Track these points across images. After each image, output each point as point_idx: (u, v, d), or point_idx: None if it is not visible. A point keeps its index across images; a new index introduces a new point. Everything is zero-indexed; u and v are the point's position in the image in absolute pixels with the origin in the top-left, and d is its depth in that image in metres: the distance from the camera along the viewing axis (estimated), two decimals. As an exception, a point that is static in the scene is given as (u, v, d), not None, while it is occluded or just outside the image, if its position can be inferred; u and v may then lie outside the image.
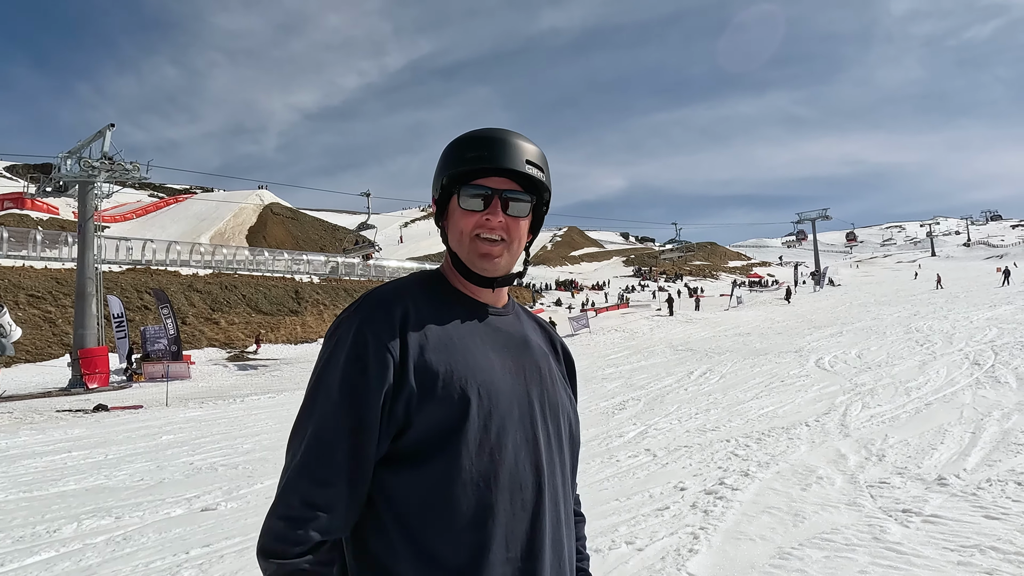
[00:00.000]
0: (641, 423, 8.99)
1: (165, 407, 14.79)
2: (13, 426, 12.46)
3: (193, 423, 11.76)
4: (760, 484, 5.50)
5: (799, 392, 10.50)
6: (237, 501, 5.98)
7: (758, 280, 75.37)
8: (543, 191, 1.21)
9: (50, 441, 10.23)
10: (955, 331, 16.75)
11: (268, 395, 16.48)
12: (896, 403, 8.73)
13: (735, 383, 12.32)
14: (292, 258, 49.44)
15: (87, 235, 23.63)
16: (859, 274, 74.24)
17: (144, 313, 31.11)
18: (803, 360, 14.57)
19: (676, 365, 16.58)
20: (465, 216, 1.16)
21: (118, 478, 7.28)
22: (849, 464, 5.93)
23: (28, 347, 25.21)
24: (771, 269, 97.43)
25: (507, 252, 1.17)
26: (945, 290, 35.80)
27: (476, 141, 1.17)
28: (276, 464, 7.47)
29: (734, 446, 7.09)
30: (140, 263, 38.24)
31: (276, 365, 27.14)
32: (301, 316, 39.04)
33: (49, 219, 53.70)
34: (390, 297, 1.13)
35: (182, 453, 8.70)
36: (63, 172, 24.23)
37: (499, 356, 1.14)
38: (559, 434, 1.18)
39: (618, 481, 5.96)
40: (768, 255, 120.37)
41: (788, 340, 19.78)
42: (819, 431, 7.50)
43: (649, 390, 12.41)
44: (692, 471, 6.17)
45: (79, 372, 21.11)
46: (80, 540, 4.97)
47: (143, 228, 60.71)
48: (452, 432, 1.05)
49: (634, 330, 31.21)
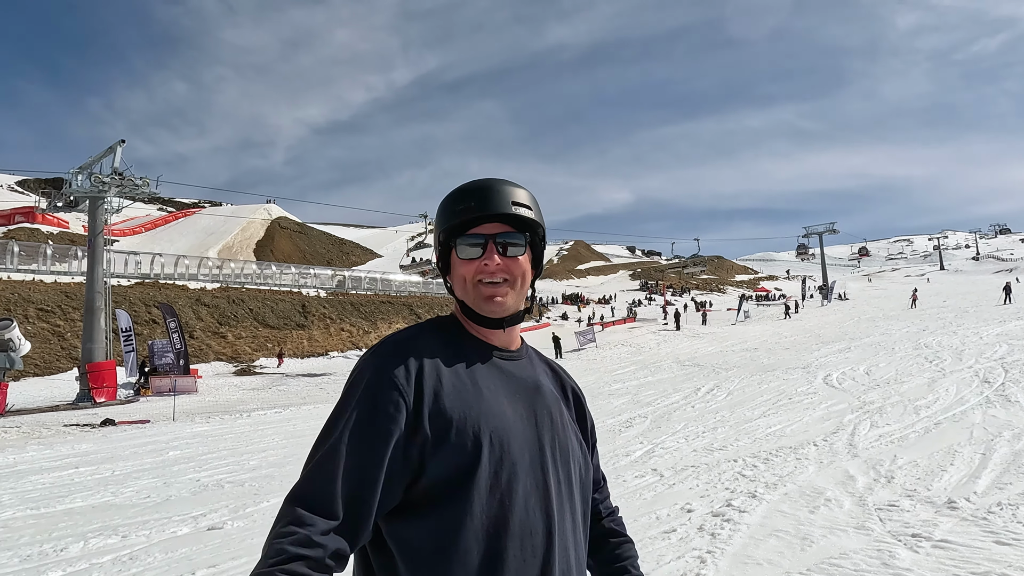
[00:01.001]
0: (648, 441, 8.95)
1: (172, 422, 14.82)
2: (21, 440, 12.51)
3: (200, 438, 11.77)
4: (768, 506, 5.47)
5: (807, 410, 10.43)
6: (243, 520, 5.98)
7: (765, 294, 75.16)
8: (536, 227, 1.25)
9: (57, 456, 10.26)
10: (964, 347, 16.64)
11: (274, 410, 16.49)
12: (905, 422, 8.67)
13: (742, 400, 12.26)
14: (299, 272, 49.66)
15: (97, 249, 23.81)
16: (868, 288, 73.94)
17: (152, 327, 31.27)
18: (811, 377, 14.49)
19: (683, 381, 16.51)
20: (465, 264, 1.21)
21: (125, 495, 7.28)
22: (857, 486, 5.88)
23: (37, 361, 25.36)
24: (778, 283, 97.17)
25: (511, 291, 1.21)
26: (952, 304, 35.49)
27: (464, 194, 1.22)
28: (283, 482, 7.48)
29: (741, 466, 7.05)
30: (148, 277, 38.49)
31: (282, 379, 27.18)
32: (308, 330, 39.15)
33: (59, 233, 54.15)
34: (407, 342, 1.16)
35: (189, 469, 8.70)
36: (74, 187, 24.46)
37: (511, 401, 1.17)
38: (569, 480, 1.20)
39: (624, 502, 5.93)
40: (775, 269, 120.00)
41: (796, 356, 19.69)
42: (827, 451, 7.44)
43: (656, 407, 12.35)
44: (699, 492, 6.14)
45: (87, 386, 21.20)
46: (87, 559, 4.98)
47: (152, 242, 61.12)
48: (464, 478, 1.06)
49: (641, 345, 31.13)
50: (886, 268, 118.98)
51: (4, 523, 6.20)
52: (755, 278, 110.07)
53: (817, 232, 77.69)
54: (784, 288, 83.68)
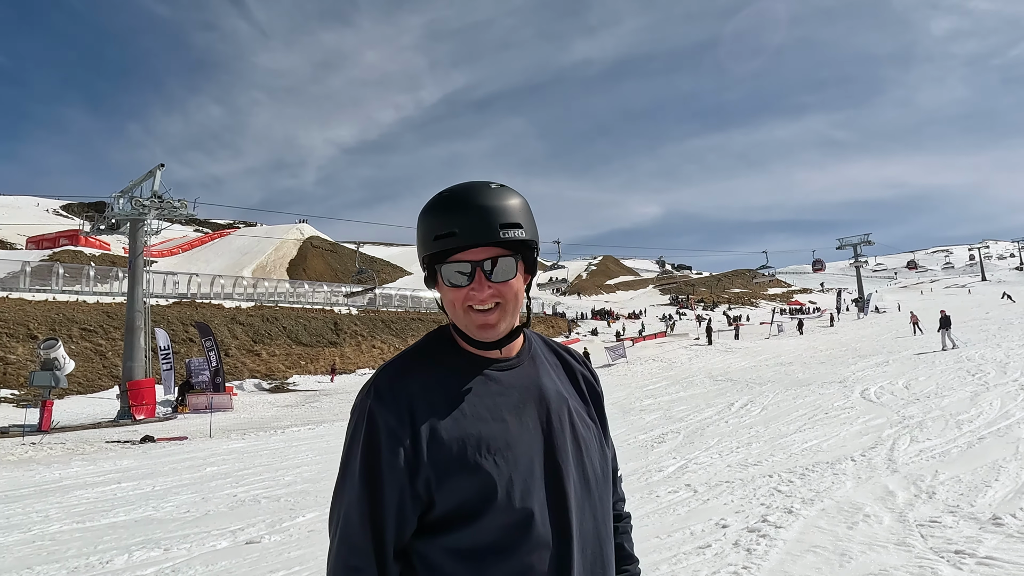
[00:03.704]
0: (681, 457, 8.86)
1: (209, 438, 15.11)
2: (66, 457, 12.88)
3: (236, 454, 11.99)
4: (805, 522, 5.38)
5: (844, 425, 10.22)
6: (280, 534, 6.08)
7: (799, 307, 73.82)
8: (527, 247, 1.18)
9: (100, 472, 10.55)
10: (1009, 360, 16.14)
11: (308, 426, 16.70)
12: (947, 437, 8.44)
13: (777, 415, 12.06)
14: (331, 290, 50.37)
15: (137, 270, 24.52)
16: (906, 300, 72.14)
17: (189, 345, 31.97)
18: (848, 391, 14.19)
19: (716, 396, 16.30)
20: (452, 291, 1.15)
21: (165, 509, 7.46)
22: (897, 501, 5.75)
23: (80, 379, 26.09)
24: (812, 296, 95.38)
25: (505, 314, 1.16)
26: (995, 315, 34.36)
27: (445, 216, 1.13)
28: (317, 497, 7.58)
29: (777, 481, 6.94)
30: (185, 296, 39.45)
31: (315, 396, 27.52)
32: (340, 347, 39.61)
33: (101, 255, 55.89)
34: (399, 376, 1.16)
35: (226, 485, 8.87)
36: (116, 211, 25.28)
37: (513, 415, 1.15)
38: (586, 480, 1.19)
39: (658, 518, 5.89)
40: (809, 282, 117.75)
41: (832, 370, 19.30)
42: (865, 466, 7.29)
43: (689, 422, 12.22)
44: (734, 507, 6.06)
45: (127, 404, 21.75)
46: (131, 571, 5.12)
47: (188, 262, 62.67)
48: (476, 503, 1.09)
49: (672, 360, 30.81)
50: (924, 279, 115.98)
51: (52, 536, 6.40)
52: (788, 291, 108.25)
53: (851, 244, 76.13)
54: (819, 301, 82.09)
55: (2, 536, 6.44)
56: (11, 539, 6.33)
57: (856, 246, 75.63)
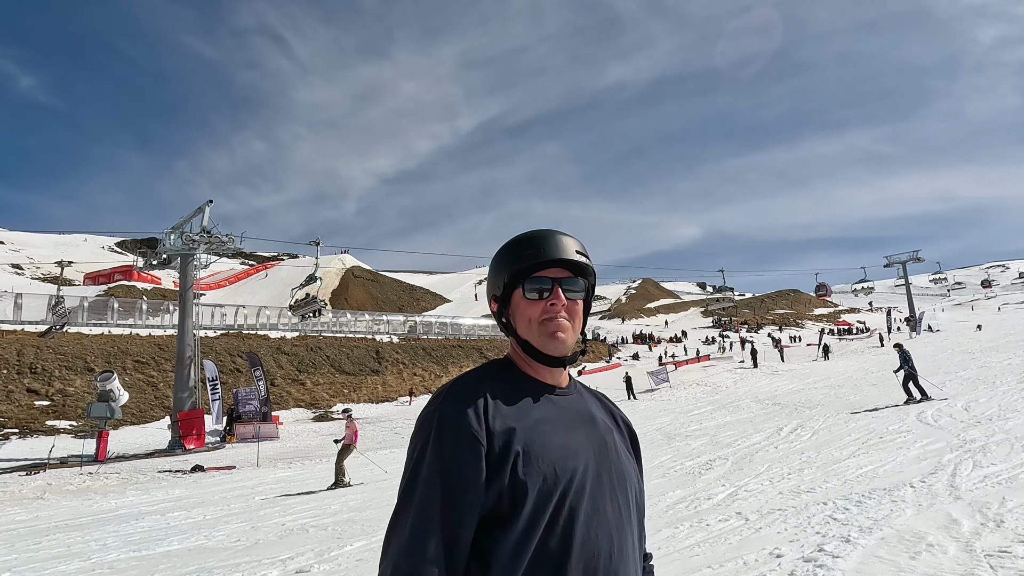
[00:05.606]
0: (730, 484, 8.64)
1: (256, 467, 15.35)
2: (121, 486, 13.24)
3: (283, 483, 12.16)
4: (863, 551, 5.18)
5: (900, 449, 9.84)
6: (329, 563, 6.13)
7: (847, 328, 71.74)
8: (590, 274, 1.36)
9: (154, 501, 10.81)
10: (1076, 380, 15.35)
11: (353, 455, 16.81)
12: (1013, 462, 8.04)
13: (829, 440, 11.69)
14: (373, 319, 51.05)
15: (187, 304, 25.30)
16: (961, 318, 69.46)
17: (236, 376, 32.70)
18: (903, 414, 13.67)
19: (764, 421, 15.89)
20: (532, 305, 1.30)
21: (217, 538, 7.60)
22: (963, 530, 5.49)
23: (133, 410, 26.89)
24: (861, 315, 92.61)
25: (572, 331, 1.31)
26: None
27: (530, 241, 1.33)
28: (364, 526, 7.62)
29: (832, 509, 6.71)
30: (232, 328, 40.46)
31: (359, 425, 27.75)
32: (382, 375, 39.99)
33: (152, 289, 57.87)
34: (472, 386, 1.25)
35: (274, 514, 9.00)
36: (168, 246, 26.21)
37: (570, 434, 1.25)
38: (628, 505, 1.27)
39: (709, 547, 5.75)
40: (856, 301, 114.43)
41: (885, 392, 18.63)
42: (926, 493, 6.99)
43: (736, 448, 11.93)
44: (788, 536, 5.87)
45: (178, 434, 22.28)
46: (185, 600, 5.21)
47: (235, 294, 64.41)
48: (530, 510, 1.14)
49: (717, 384, 30.20)
50: (979, 296, 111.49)
51: (111, 564, 6.58)
52: (835, 311, 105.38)
53: (900, 261, 73.78)
54: (868, 320, 79.67)
55: (64, 564, 6.64)
56: (72, 567, 6.52)
57: (904, 263, 73.29)
